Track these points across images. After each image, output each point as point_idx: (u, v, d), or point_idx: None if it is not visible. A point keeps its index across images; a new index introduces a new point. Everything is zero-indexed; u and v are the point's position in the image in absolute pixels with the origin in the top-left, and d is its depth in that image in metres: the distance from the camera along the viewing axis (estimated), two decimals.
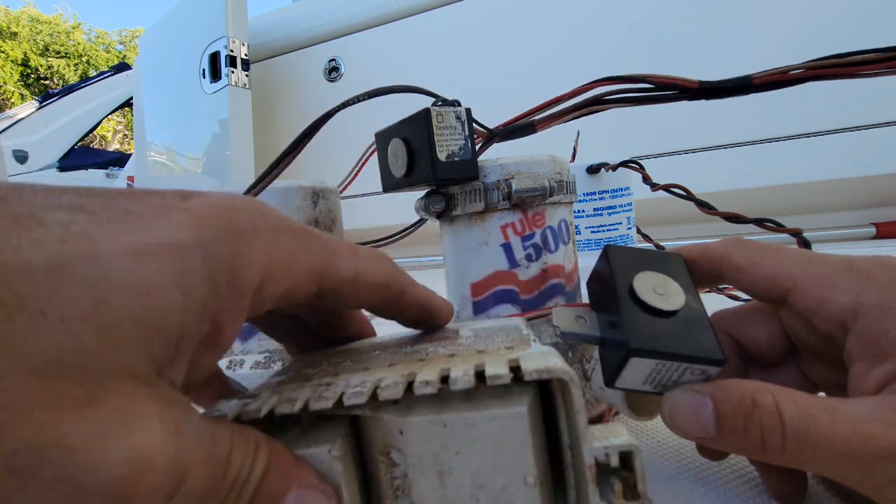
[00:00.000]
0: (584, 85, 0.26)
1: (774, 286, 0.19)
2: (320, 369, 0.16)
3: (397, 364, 0.15)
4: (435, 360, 0.15)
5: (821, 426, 0.15)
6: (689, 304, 0.19)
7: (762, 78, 0.22)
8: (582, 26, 1.01)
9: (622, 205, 0.49)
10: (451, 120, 0.26)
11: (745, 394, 0.16)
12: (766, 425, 0.15)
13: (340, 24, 1.23)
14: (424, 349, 0.17)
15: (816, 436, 0.15)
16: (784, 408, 0.15)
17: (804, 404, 0.15)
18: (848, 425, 0.15)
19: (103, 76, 2.78)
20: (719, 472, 0.22)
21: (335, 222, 0.31)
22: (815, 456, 0.15)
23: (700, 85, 0.24)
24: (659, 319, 0.18)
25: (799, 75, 0.21)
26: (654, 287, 0.19)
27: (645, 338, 0.17)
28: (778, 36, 0.83)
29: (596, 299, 0.22)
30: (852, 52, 0.20)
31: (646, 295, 0.18)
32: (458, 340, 0.17)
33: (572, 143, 0.54)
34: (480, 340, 0.17)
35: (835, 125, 0.81)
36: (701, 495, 0.21)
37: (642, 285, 0.19)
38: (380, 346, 0.18)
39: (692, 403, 0.17)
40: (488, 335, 0.17)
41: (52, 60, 12.12)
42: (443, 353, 0.16)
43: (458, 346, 0.16)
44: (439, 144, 0.25)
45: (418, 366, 0.14)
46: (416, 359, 0.16)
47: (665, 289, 0.19)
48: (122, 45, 14.58)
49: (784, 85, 0.22)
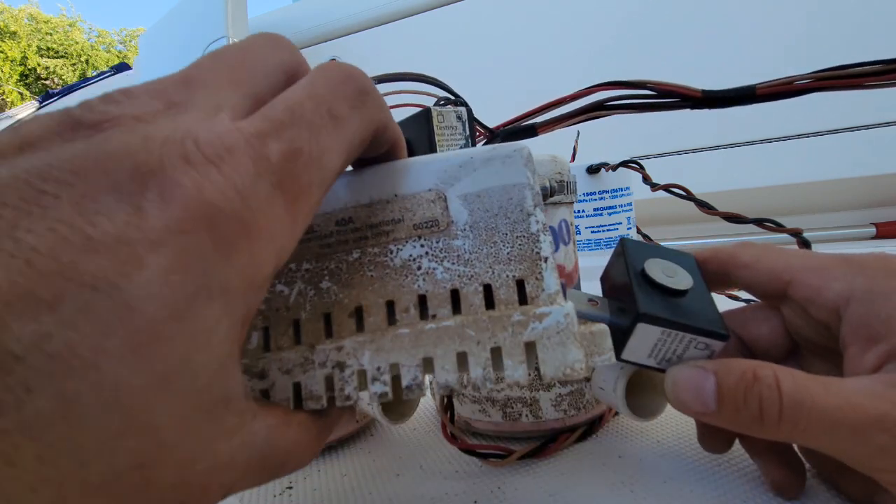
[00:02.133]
0: (586, 88, 0.26)
1: (775, 279, 0.20)
2: (306, 298, 0.16)
3: (392, 292, 0.15)
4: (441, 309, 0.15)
5: (815, 396, 0.15)
6: (696, 288, 0.20)
7: (766, 88, 0.22)
8: (582, 26, 1.01)
9: (622, 205, 0.49)
10: (451, 120, 0.26)
11: (748, 368, 0.17)
12: (765, 397, 0.16)
13: (340, 24, 1.23)
14: (416, 262, 0.16)
15: (811, 406, 0.15)
16: (783, 381, 0.16)
17: (801, 379, 0.16)
18: (841, 396, 0.15)
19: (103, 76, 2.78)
20: (719, 472, 0.22)
21: None
22: (809, 426, 0.16)
23: (703, 94, 0.24)
24: (667, 297, 0.19)
25: (803, 86, 0.22)
26: (664, 270, 0.20)
27: (654, 306, 0.18)
28: (780, 41, 0.83)
29: (608, 289, 0.22)
30: (855, 64, 0.21)
31: (656, 276, 0.19)
32: (452, 243, 0.16)
33: (572, 143, 0.54)
34: (481, 251, 0.16)
35: (835, 125, 0.81)
36: (700, 495, 0.21)
37: (653, 268, 0.20)
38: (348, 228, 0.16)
39: (695, 378, 0.18)
40: (489, 236, 0.16)
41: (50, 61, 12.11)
42: (443, 287, 0.15)
43: (456, 264, 0.16)
44: (440, 144, 0.25)
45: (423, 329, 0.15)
46: (414, 290, 0.15)
47: (674, 273, 0.20)
48: (122, 45, 14.58)
49: (788, 95, 0.22)
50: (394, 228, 0.16)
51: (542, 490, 0.22)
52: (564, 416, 0.26)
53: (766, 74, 0.24)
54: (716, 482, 0.21)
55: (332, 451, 0.28)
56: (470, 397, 0.27)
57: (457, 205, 0.16)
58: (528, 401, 0.26)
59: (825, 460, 0.19)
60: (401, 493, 0.24)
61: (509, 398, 0.26)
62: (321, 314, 0.16)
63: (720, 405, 0.17)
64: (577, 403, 0.27)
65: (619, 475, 0.23)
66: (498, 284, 0.15)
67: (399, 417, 0.28)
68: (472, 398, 0.27)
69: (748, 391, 0.16)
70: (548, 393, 0.26)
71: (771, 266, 0.20)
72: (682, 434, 0.26)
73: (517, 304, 0.15)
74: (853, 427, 0.15)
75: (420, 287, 0.15)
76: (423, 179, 0.16)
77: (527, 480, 0.23)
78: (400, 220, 0.16)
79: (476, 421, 0.28)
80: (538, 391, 0.26)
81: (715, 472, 0.22)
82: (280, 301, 0.16)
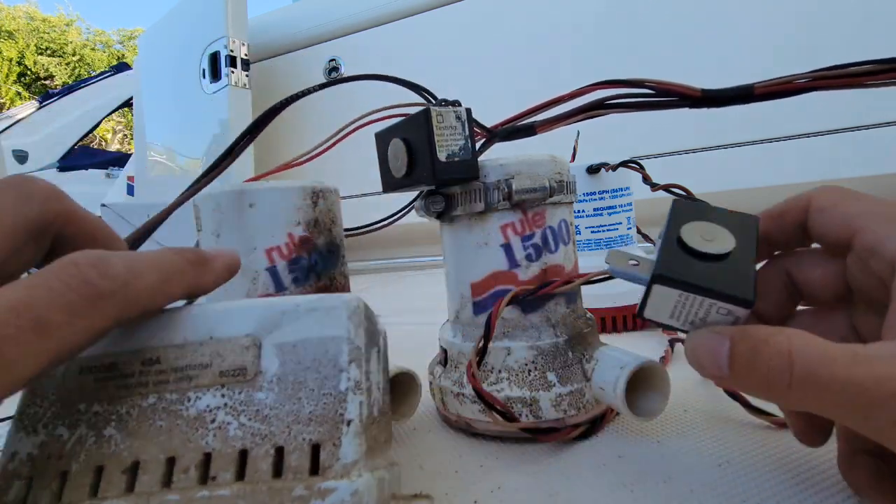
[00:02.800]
0: (585, 87, 0.26)
1: (845, 226, 0.19)
2: (83, 446, 0.15)
3: (177, 447, 0.14)
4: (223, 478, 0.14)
5: (827, 365, 0.15)
6: (737, 253, 0.18)
7: (764, 88, 0.22)
8: (582, 25, 1.01)
9: (622, 205, 0.49)
10: (451, 120, 0.26)
11: (762, 334, 0.16)
12: (774, 364, 0.16)
13: (340, 24, 1.23)
14: (212, 414, 0.15)
15: (826, 374, 0.15)
16: (796, 348, 0.16)
17: (815, 347, 0.15)
18: (857, 366, 0.15)
19: (103, 76, 2.79)
20: (719, 472, 0.22)
21: (335, 222, 0.31)
22: (820, 395, 0.15)
23: (703, 93, 0.24)
24: (698, 261, 0.18)
25: (802, 85, 0.21)
26: (703, 234, 0.19)
27: (673, 268, 0.18)
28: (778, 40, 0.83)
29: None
30: (854, 63, 0.20)
31: (689, 238, 0.19)
32: (255, 396, 0.15)
33: (572, 142, 0.54)
34: (283, 407, 0.14)
35: (835, 125, 0.81)
36: (700, 495, 0.21)
37: (690, 231, 0.19)
38: (153, 370, 0.16)
39: (712, 342, 0.17)
40: (295, 391, 0.15)
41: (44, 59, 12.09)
42: (233, 446, 0.14)
43: (253, 420, 0.14)
44: (439, 144, 0.25)
45: (194, 497, 0.13)
46: (201, 447, 0.14)
47: (714, 237, 0.19)
48: (120, 45, 14.56)
49: (786, 94, 0.22)
50: (199, 374, 0.15)
51: (542, 490, 0.22)
52: (564, 416, 0.26)
53: (764, 73, 0.24)
54: (716, 482, 0.21)
55: None
56: (470, 397, 0.27)
57: (270, 354, 0.15)
58: (528, 401, 0.26)
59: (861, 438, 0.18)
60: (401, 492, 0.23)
61: (509, 398, 0.26)
62: (94, 466, 0.14)
63: (731, 368, 0.17)
64: (576, 403, 0.27)
65: (619, 475, 0.23)
66: (291, 448, 0.14)
67: (399, 417, 0.28)
68: (472, 398, 0.27)
69: (757, 357, 0.16)
70: (547, 393, 0.26)
71: (845, 211, 0.19)
72: (682, 434, 0.26)
73: (307, 473, 0.13)
74: (867, 401, 0.14)
75: (208, 444, 0.14)
76: (242, 323, 0.15)
77: (527, 480, 0.23)
78: (208, 365, 0.15)
79: (476, 421, 0.28)
80: (538, 391, 0.26)
81: (715, 472, 0.22)
82: (56, 447, 0.15)
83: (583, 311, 0.30)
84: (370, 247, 1.23)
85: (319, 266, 0.30)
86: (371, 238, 0.41)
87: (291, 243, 0.29)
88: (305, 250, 0.29)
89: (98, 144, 9.68)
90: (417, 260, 1.16)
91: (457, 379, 0.29)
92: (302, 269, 0.29)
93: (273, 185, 0.28)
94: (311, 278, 0.29)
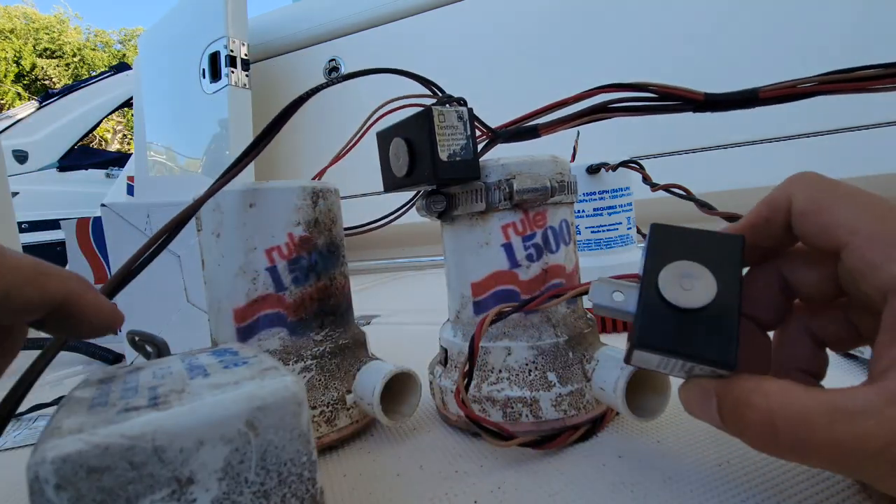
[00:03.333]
0: (588, 91, 0.26)
1: (830, 237, 0.17)
2: None
3: None
4: None
5: (815, 426, 0.15)
6: (718, 301, 0.17)
7: (769, 92, 0.22)
8: (581, 25, 1.01)
9: (622, 205, 0.49)
10: (452, 119, 0.26)
11: (740, 394, 0.16)
12: (758, 427, 0.16)
13: (340, 24, 1.23)
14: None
15: (813, 440, 0.15)
16: (775, 410, 0.16)
17: (800, 406, 0.15)
18: (846, 426, 0.14)
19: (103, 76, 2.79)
20: (719, 472, 0.22)
21: (335, 222, 0.31)
22: (810, 456, 0.15)
23: (706, 97, 0.24)
24: (677, 317, 0.18)
25: (807, 89, 0.21)
26: (682, 281, 0.18)
27: (654, 333, 0.17)
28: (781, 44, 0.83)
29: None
30: (859, 67, 0.20)
31: (668, 290, 0.18)
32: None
33: (572, 143, 0.54)
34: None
35: (835, 125, 0.81)
36: (700, 495, 0.21)
37: (668, 278, 0.18)
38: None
39: (701, 396, 0.18)
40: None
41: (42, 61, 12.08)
42: None
43: None
44: (441, 144, 0.25)
45: None
46: None
47: (693, 283, 0.18)
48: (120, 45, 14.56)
49: (791, 99, 0.22)
50: None
51: (542, 490, 0.22)
52: (565, 416, 0.26)
53: (767, 77, 0.24)
54: (716, 482, 0.21)
55: (332, 451, 0.28)
56: (470, 397, 0.27)
57: None
58: (528, 401, 0.26)
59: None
60: (401, 493, 0.24)
61: (509, 398, 0.26)
62: None
63: (724, 422, 0.17)
64: (577, 404, 0.27)
65: (619, 475, 0.23)
66: None
67: (399, 417, 0.28)
68: (472, 398, 0.27)
69: (741, 419, 0.16)
70: (548, 393, 0.26)
71: (828, 221, 0.17)
72: (682, 434, 0.26)
73: None
74: (858, 458, 0.14)
75: None
76: None
77: (527, 480, 0.23)
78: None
79: None
80: (538, 391, 0.26)
81: (715, 472, 0.22)
82: None
83: (583, 311, 0.30)
84: (370, 247, 1.23)
85: (319, 266, 0.30)
86: (371, 238, 0.41)
87: (291, 243, 0.29)
88: (305, 250, 0.29)
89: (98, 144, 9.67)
90: (417, 260, 1.16)
91: (457, 379, 0.29)
92: (302, 268, 0.29)
93: (273, 185, 0.28)
94: (311, 278, 0.29)
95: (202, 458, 0.12)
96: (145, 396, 0.13)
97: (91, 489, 0.11)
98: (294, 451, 0.14)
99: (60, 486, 0.11)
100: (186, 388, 0.14)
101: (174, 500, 0.12)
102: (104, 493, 0.11)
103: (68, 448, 0.11)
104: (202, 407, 0.12)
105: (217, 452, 0.12)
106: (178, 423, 0.12)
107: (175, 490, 0.12)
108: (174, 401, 0.13)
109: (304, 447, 0.14)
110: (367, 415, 0.30)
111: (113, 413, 0.12)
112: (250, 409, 0.13)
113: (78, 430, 0.11)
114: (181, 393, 0.13)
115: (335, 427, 0.28)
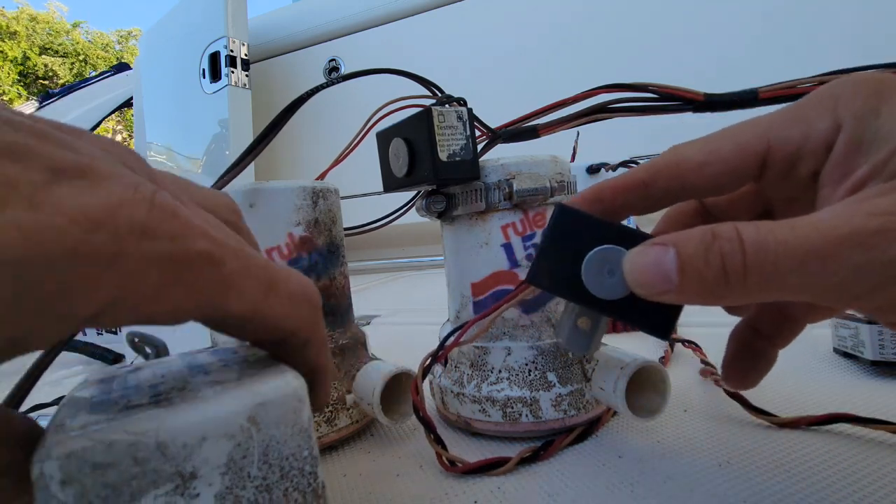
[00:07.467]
0: (588, 91, 0.26)
1: (748, 157, 0.17)
2: None
3: None
4: None
5: (780, 235, 0.14)
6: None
7: (769, 92, 0.22)
8: (581, 25, 1.01)
9: None
10: (452, 120, 0.26)
11: (706, 230, 0.15)
12: (727, 251, 0.15)
13: (340, 24, 1.23)
14: None
15: (776, 244, 0.14)
16: (743, 230, 0.15)
17: (764, 225, 0.15)
18: (808, 226, 0.14)
19: (103, 76, 2.78)
20: (719, 472, 0.22)
21: (335, 222, 0.31)
22: (777, 270, 0.14)
23: (706, 97, 0.24)
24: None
25: (807, 90, 0.21)
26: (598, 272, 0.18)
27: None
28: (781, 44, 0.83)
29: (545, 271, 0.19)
30: (859, 67, 0.20)
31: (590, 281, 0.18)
32: None
33: (572, 143, 0.54)
34: None
35: None
36: (700, 495, 0.21)
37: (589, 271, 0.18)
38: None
39: (654, 255, 0.16)
40: None
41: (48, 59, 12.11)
42: None
43: None
44: (440, 144, 0.25)
45: None
46: None
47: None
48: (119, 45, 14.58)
49: (791, 99, 0.22)
50: None
51: (542, 490, 0.22)
52: (564, 417, 0.26)
53: (767, 77, 0.24)
54: (716, 481, 0.22)
55: (332, 451, 0.28)
56: (470, 397, 0.27)
57: None
58: (528, 401, 0.26)
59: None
60: (401, 493, 0.24)
61: (509, 398, 0.26)
62: None
63: (682, 275, 0.15)
64: (576, 404, 0.27)
65: (619, 475, 0.23)
66: None
67: (399, 417, 0.28)
68: (472, 398, 0.27)
69: (709, 251, 0.15)
70: (548, 393, 0.26)
71: (736, 145, 0.17)
72: (682, 434, 0.26)
73: None
74: (822, 253, 0.13)
75: None
76: None
77: (527, 480, 0.23)
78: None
79: (476, 421, 0.28)
80: (538, 391, 0.26)
81: (715, 471, 0.22)
82: None
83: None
84: (370, 247, 1.23)
85: (319, 266, 0.30)
86: (371, 238, 0.41)
87: (291, 243, 0.29)
88: (305, 250, 0.29)
89: None
90: (417, 260, 1.16)
91: (457, 379, 0.29)
92: (302, 268, 0.29)
93: (273, 185, 0.28)
94: (311, 278, 0.29)
95: (205, 454, 0.12)
96: (147, 394, 0.13)
97: (96, 484, 0.11)
98: (296, 445, 0.14)
99: (66, 481, 0.11)
100: (188, 385, 0.14)
101: (178, 495, 0.12)
102: (109, 489, 0.11)
103: (73, 444, 0.11)
104: (205, 403, 0.13)
105: (220, 448, 0.12)
106: (180, 420, 0.12)
107: (178, 485, 0.12)
108: (176, 398, 0.13)
109: (305, 442, 0.14)
110: (367, 415, 0.30)
111: (116, 410, 0.12)
112: (252, 406, 0.13)
113: (82, 427, 0.11)
114: (183, 391, 0.13)
115: (335, 427, 0.28)
